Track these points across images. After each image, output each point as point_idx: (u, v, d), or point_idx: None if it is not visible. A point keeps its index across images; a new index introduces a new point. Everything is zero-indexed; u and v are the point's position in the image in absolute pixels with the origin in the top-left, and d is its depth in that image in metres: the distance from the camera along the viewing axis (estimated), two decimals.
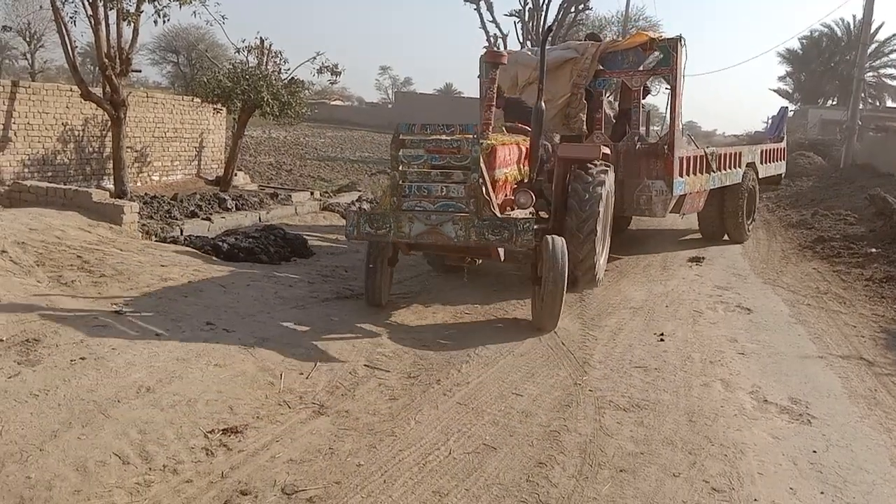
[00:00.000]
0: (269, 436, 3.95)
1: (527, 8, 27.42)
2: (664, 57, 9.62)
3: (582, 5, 27.21)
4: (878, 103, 45.31)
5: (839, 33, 46.85)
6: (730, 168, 11.36)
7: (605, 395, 4.87)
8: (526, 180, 7.46)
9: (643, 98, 10.02)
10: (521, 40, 27.59)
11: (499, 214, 6.04)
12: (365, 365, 5.19)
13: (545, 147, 8.21)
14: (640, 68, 9.85)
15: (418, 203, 6.00)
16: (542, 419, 4.42)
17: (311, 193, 13.69)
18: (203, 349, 5.12)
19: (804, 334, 6.66)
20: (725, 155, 11.29)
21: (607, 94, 10.70)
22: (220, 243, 8.65)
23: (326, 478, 3.56)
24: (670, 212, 10.01)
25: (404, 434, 4.09)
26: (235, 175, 14.04)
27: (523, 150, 7.49)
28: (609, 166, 8.28)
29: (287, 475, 3.56)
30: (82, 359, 4.65)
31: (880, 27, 41.58)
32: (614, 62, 9.94)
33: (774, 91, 53.88)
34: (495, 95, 7.29)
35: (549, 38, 8.34)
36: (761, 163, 12.79)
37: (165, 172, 13.47)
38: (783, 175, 14.77)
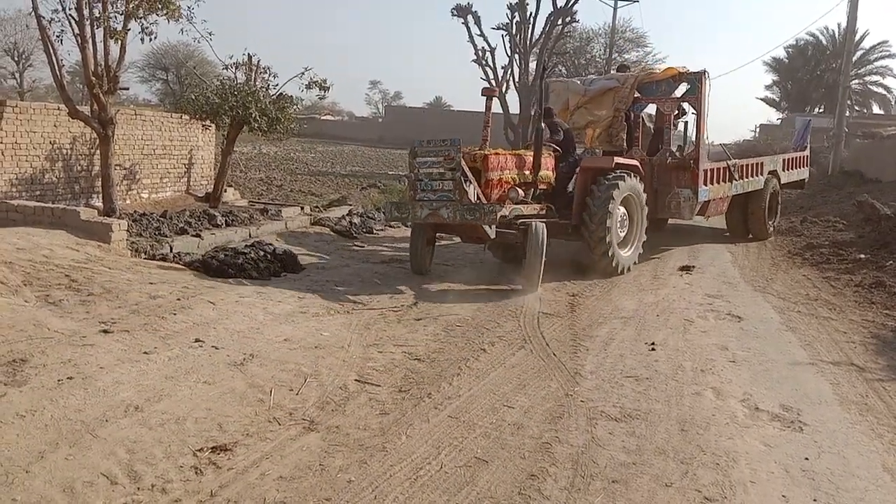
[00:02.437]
0: (259, 453, 3.92)
1: (514, 21, 27.53)
2: (691, 87, 11.56)
3: (569, 18, 27.33)
4: (864, 110, 45.61)
5: (824, 42, 47.17)
6: (752, 176, 12.83)
7: (597, 406, 4.86)
8: (528, 182, 9.35)
9: (679, 118, 12.17)
10: (509, 53, 27.71)
11: (483, 203, 8.40)
12: (356, 379, 5.17)
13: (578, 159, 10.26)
14: (672, 96, 11.68)
15: (426, 195, 8.42)
16: (534, 431, 4.40)
17: (302, 208, 13.66)
18: (192, 366, 5.10)
19: (795, 341, 6.67)
20: (747, 165, 12.75)
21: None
22: (210, 260, 8.62)
23: (317, 495, 3.53)
24: (696, 215, 11.57)
25: (395, 449, 4.06)
26: (225, 191, 14.00)
27: (526, 159, 9.36)
28: (626, 175, 9.69)
29: (277, 492, 3.53)
30: (70, 378, 4.61)
31: (865, 35, 41.98)
32: (649, 90, 11.84)
33: (761, 100, 54.22)
34: (490, 119, 9.48)
35: (542, 66, 10.50)
36: (784, 170, 14.23)
37: (155, 189, 13.43)
38: (806, 180, 16.02)
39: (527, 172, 9.31)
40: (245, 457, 3.87)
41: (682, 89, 11.77)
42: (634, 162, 10.34)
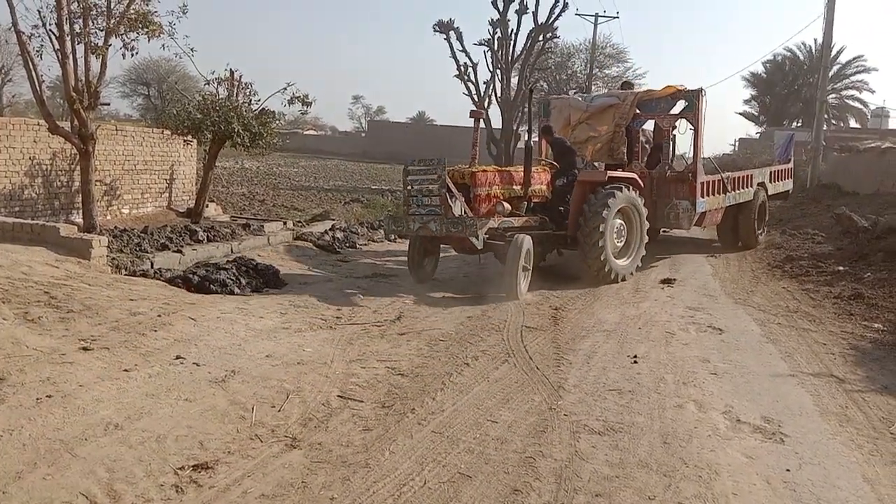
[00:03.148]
0: (241, 471, 3.89)
1: (496, 37, 27.72)
2: (689, 104, 12.18)
3: (550, 34, 27.57)
4: (841, 124, 46.31)
5: (801, 57, 47.88)
6: (743, 188, 13.47)
7: (580, 420, 4.87)
8: (518, 196, 9.85)
9: (670, 134, 12.63)
10: (491, 69, 27.90)
11: (466, 216, 8.90)
12: (338, 395, 5.14)
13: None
14: (670, 112, 12.37)
15: (417, 210, 9.08)
16: (518, 445, 4.40)
17: (284, 223, 13.61)
18: (173, 384, 5.05)
19: (775, 353, 6.73)
20: (739, 178, 13.44)
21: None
22: (191, 275, 8.56)
23: None
24: (694, 225, 12.15)
25: (378, 465, 4.04)
26: (207, 206, 13.93)
27: (514, 175, 9.91)
28: (622, 187, 10.17)
29: None
30: (49, 397, 4.56)
31: (841, 51, 42.83)
32: (649, 107, 12.43)
33: (740, 114, 54.90)
34: (478, 138, 10.07)
35: (526, 79, 11.45)
36: (771, 182, 14.95)
37: (136, 205, 13.34)
38: (790, 191, 16.74)
39: (516, 187, 9.80)
40: (227, 475, 3.83)
41: (679, 106, 12.27)
42: (632, 175, 10.80)
